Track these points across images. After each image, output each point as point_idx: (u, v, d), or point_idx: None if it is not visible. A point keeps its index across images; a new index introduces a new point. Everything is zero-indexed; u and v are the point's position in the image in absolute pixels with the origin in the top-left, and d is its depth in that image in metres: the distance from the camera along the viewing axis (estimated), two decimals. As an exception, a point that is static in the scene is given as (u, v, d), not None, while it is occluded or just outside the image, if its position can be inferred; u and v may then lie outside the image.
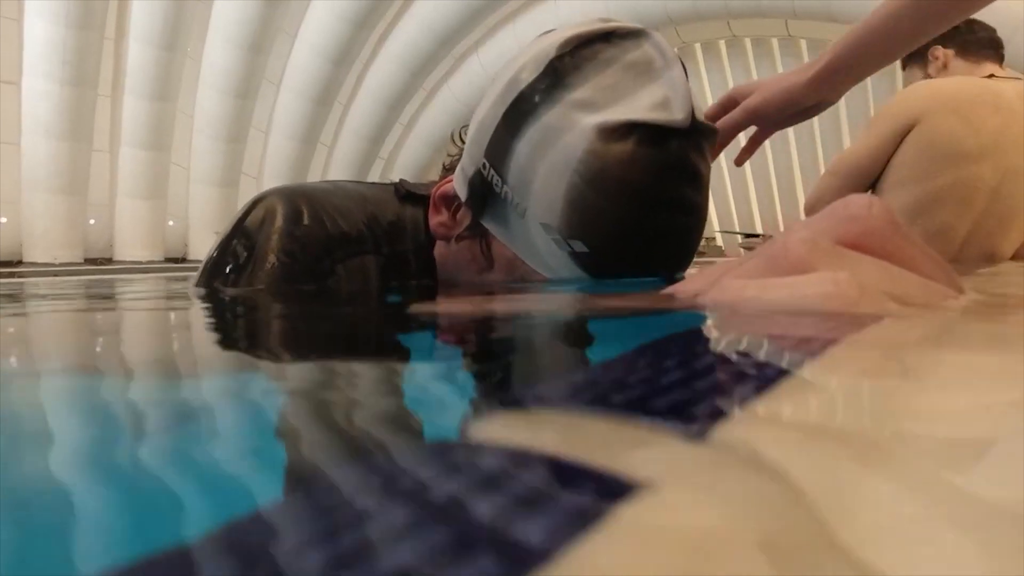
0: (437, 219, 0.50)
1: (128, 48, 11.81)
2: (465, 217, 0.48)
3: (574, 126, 0.40)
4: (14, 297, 0.99)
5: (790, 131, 14.80)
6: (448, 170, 0.52)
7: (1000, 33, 1.50)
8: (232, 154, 13.91)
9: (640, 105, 0.37)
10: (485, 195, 0.45)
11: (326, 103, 14.47)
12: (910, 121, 1.31)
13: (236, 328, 0.48)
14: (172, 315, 0.52)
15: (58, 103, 10.74)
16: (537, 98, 0.43)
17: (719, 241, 18.14)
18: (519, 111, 0.44)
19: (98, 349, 0.40)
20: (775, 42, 15.47)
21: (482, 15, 13.63)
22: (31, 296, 1.04)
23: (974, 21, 1.44)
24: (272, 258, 0.44)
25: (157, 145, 12.59)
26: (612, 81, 0.39)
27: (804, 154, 15.24)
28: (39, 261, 11.52)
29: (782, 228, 16.08)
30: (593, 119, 0.40)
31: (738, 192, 16.08)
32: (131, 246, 13.35)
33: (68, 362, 0.36)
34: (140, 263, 12.70)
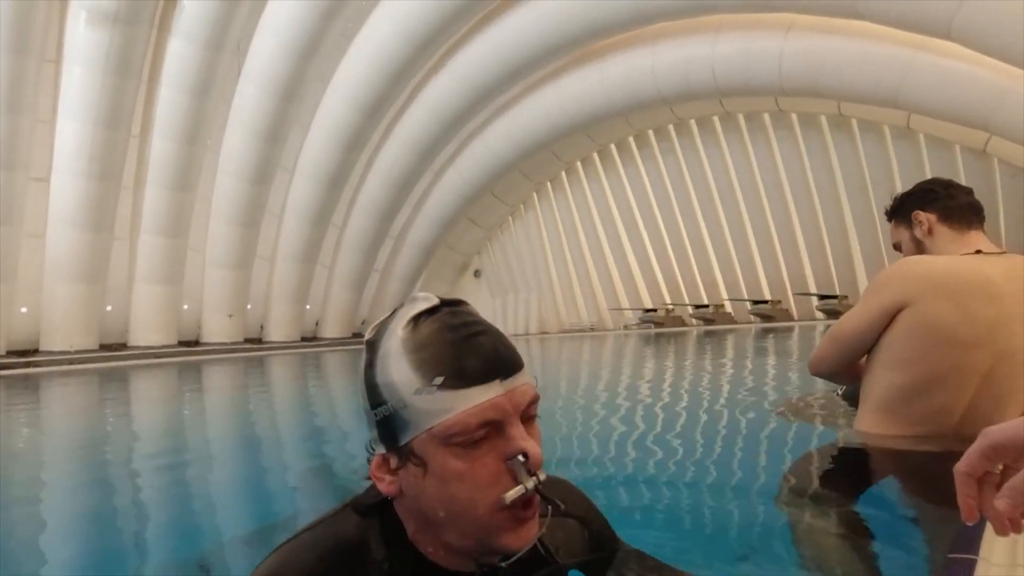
0: (383, 484, 0.60)
1: (151, 143, 12.54)
2: (393, 458, 0.58)
3: (392, 337, 0.60)
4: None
5: (790, 200, 15.15)
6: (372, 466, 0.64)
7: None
8: (247, 238, 14.39)
9: (415, 308, 0.59)
10: (390, 428, 0.58)
11: (338, 186, 15.08)
12: (900, 302, 1.34)
13: None
14: None
15: (84, 197, 11.26)
16: (370, 354, 0.62)
17: (728, 308, 18.20)
18: (366, 371, 0.62)
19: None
20: (767, 116, 16.11)
21: (488, 99, 14.48)
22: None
23: (952, 184, 1.53)
24: None
25: (175, 232, 12.99)
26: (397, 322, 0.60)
27: (806, 222, 15.53)
28: (56, 349, 11.75)
29: (790, 294, 15.99)
30: (398, 327, 0.60)
31: (744, 261, 16.29)
32: (146, 330, 13.57)
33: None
34: (154, 348, 12.88)
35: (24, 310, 11.26)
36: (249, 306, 14.25)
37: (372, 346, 0.61)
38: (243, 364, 9.69)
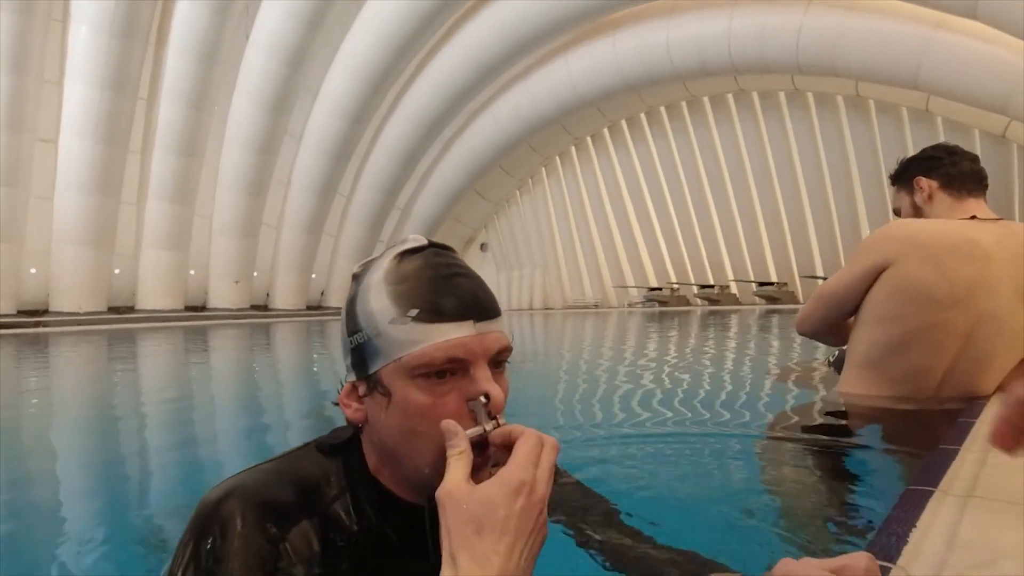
0: (350, 411, 0.62)
1: (159, 107, 12.52)
2: (362, 386, 0.61)
3: (377, 271, 0.61)
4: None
5: (801, 181, 14.95)
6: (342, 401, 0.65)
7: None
8: (253, 206, 14.46)
9: (403, 247, 0.61)
10: (361, 355, 0.59)
11: (344, 158, 15.06)
12: (883, 262, 1.36)
13: None
14: None
15: (91, 160, 11.29)
16: (355, 286, 0.63)
17: (733, 289, 18.15)
18: (349, 301, 0.63)
19: None
20: (782, 95, 15.85)
21: (494, 74, 14.30)
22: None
23: (957, 150, 1.51)
24: (234, 563, 0.55)
25: (182, 198, 13.02)
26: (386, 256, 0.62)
27: (816, 205, 15.35)
28: (65, 310, 11.91)
29: (797, 277, 15.90)
30: (384, 262, 0.62)
31: (751, 242, 16.17)
32: (153, 295, 13.73)
33: None
34: (161, 312, 13.04)
35: (33, 271, 11.39)
36: (255, 274, 14.34)
37: (357, 278, 0.63)
38: (249, 329, 9.80)
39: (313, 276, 15.34)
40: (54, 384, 4.14)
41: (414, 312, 0.56)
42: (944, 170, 1.49)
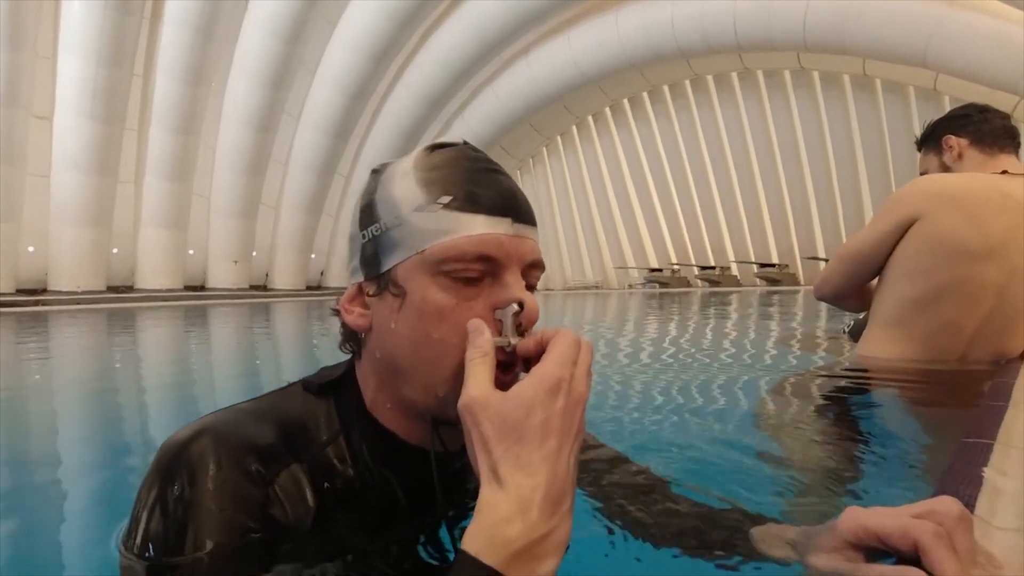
0: (352, 316, 0.54)
1: (156, 84, 12.33)
2: (371, 286, 0.52)
3: (404, 161, 0.54)
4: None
5: (805, 162, 14.80)
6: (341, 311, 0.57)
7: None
8: (252, 186, 14.29)
9: (434, 142, 0.54)
10: (375, 250, 0.52)
11: (344, 136, 14.89)
12: (912, 215, 1.30)
13: None
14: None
15: (88, 138, 11.09)
16: (373, 181, 0.56)
17: (734, 270, 18.10)
18: (364, 196, 0.55)
19: None
20: (787, 74, 15.62)
21: (496, 50, 14.06)
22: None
23: (988, 108, 1.45)
24: (211, 506, 0.44)
25: (180, 176, 12.84)
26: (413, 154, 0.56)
27: (820, 186, 15.23)
28: (63, 289, 11.85)
29: (798, 259, 15.85)
30: (412, 154, 0.55)
31: (753, 223, 16.08)
32: (152, 274, 13.67)
33: None
34: (160, 291, 12.98)
35: (31, 249, 11.32)
36: (254, 254, 14.27)
37: (377, 173, 0.55)
38: (249, 309, 9.76)
39: (313, 256, 15.26)
40: (56, 362, 4.11)
41: (446, 199, 0.49)
42: (975, 127, 1.43)
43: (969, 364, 1.31)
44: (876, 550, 0.38)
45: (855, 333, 1.80)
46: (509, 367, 0.47)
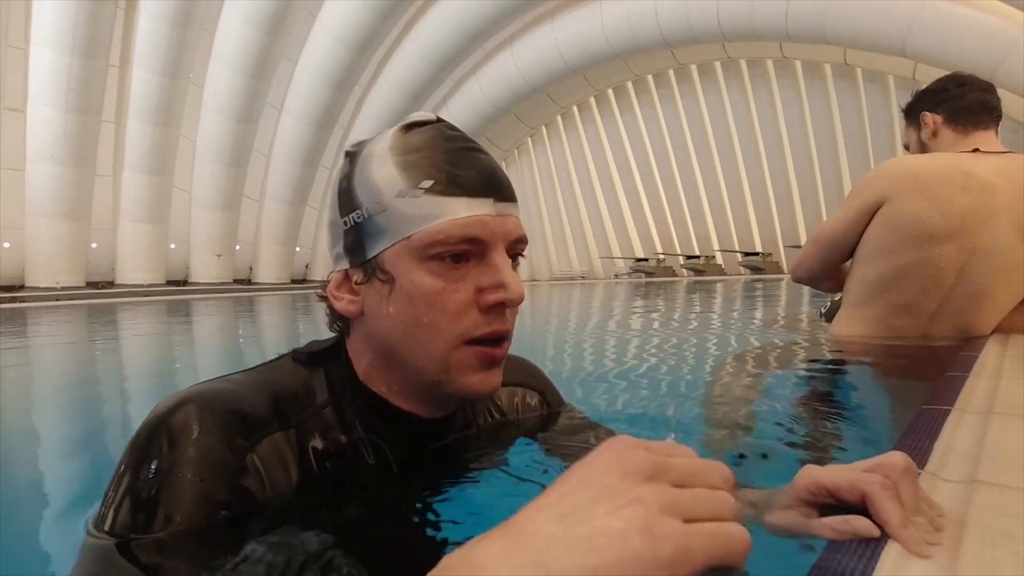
0: (342, 303, 0.53)
1: (132, 75, 12.08)
2: (358, 273, 0.52)
3: (380, 143, 0.52)
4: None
5: (787, 151, 14.92)
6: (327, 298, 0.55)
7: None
8: (234, 178, 14.13)
9: (408, 120, 0.53)
10: (359, 236, 0.52)
11: (327, 126, 14.75)
12: (879, 199, 1.32)
13: None
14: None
15: (63, 130, 10.93)
16: (349, 164, 0.54)
17: (719, 259, 18.27)
18: (341, 180, 0.54)
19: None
20: (770, 64, 15.74)
21: (480, 40, 13.98)
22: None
23: (967, 80, 1.46)
24: (186, 474, 0.44)
25: (160, 169, 12.71)
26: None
27: (802, 175, 15.39)
28: (41, 285, 11.63)
29: (781, 247, 15.99)
30: (387, 135, 0.53)
31: (737, 212, 16.22)
32: (133, 269, 13.48)
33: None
34: (141, 286, 12.80)
35: (7, 245, 11.09)
36: (238, 247, 14.11)
37: (352, 156, 0.54)
38: (232, 303, 9.66)
39: (297, 249, 15.13)
40: (36, 359, 4.04)
41: (427, 183, 0.49)
42: (950, 104, 1.43)
43: (934, 341, 1.34)
44: (830, 506, 0.39)
45: (830, 315, 1.84)
46: (499, 342, 0.51)
